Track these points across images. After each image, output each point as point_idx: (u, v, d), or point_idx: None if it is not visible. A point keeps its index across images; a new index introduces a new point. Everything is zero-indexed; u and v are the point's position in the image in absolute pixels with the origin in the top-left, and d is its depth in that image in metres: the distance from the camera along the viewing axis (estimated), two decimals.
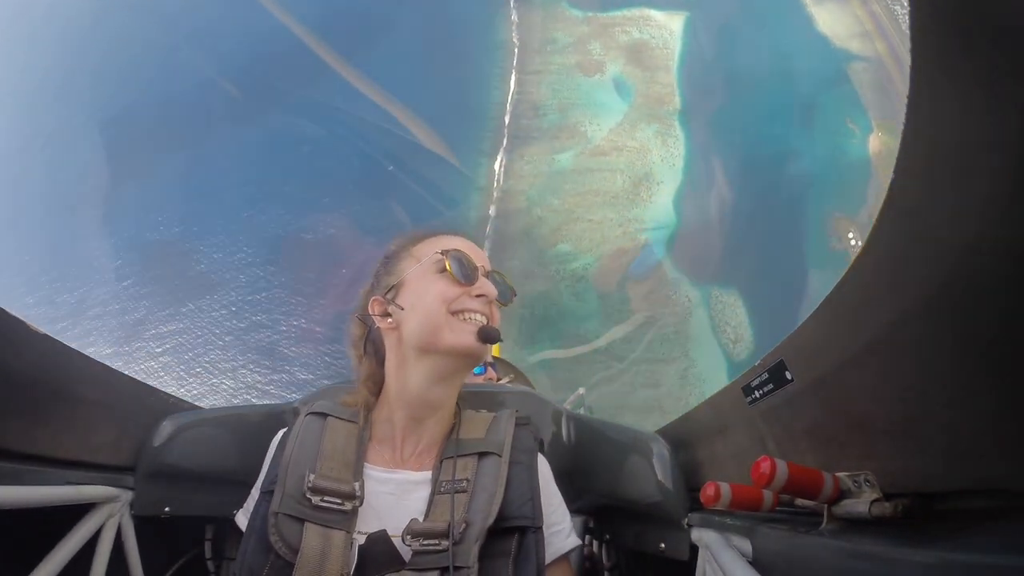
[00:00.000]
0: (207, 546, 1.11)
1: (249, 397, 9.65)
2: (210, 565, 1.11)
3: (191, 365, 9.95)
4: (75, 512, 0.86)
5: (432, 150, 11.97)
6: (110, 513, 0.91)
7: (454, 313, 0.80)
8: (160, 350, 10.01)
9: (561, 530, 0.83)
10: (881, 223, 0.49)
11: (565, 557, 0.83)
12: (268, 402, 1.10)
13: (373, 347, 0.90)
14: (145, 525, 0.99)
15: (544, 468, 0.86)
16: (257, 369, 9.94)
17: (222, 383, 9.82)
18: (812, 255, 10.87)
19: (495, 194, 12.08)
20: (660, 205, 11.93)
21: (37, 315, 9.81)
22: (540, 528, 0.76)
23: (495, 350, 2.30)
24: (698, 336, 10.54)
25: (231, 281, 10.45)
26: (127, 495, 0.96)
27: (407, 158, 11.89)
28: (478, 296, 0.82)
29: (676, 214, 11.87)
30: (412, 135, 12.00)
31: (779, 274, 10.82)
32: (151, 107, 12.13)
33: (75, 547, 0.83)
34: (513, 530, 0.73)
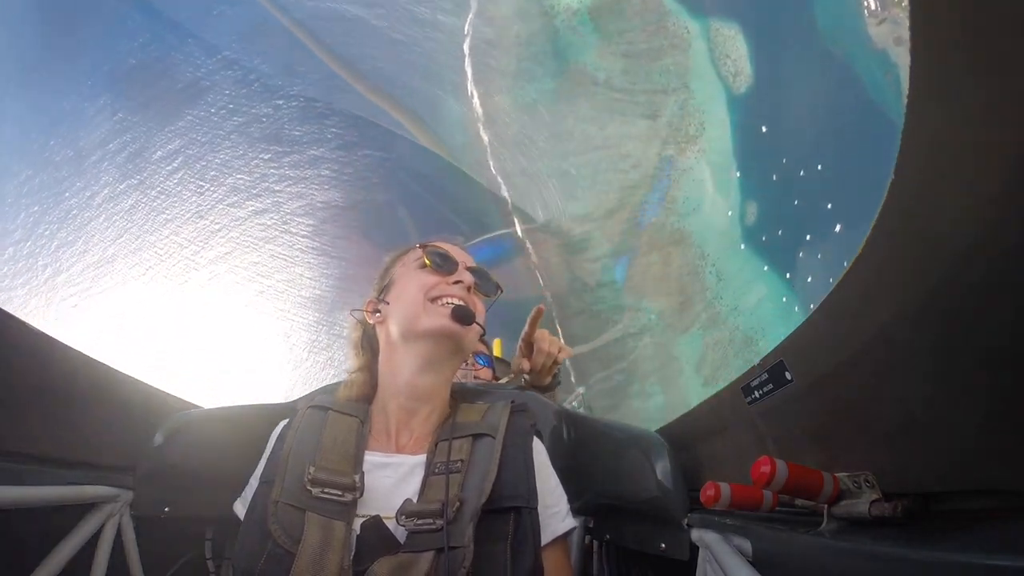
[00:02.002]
0: (207, 546, 1.11)
1: (270, 185, 9.37)
2: (210, 565, 1.11)
3: (205, 171, 9.60)
4: (75, 512, 0.86)
5: None
6: (110, 513, 0.92)
7: (432, 300, 0.87)
8: (171, 167, 9.64)
9: (558, 512, 0.83)
10: (881, 223, 0.49)
11: (563, 539, 0.83)
12: (268, 402, 1.10)
13: (368, 343, 0.95)
14: (145, 525, 0.99)
15: (540, 451, 0.87)
16: (268, 157, 9.61)
17: (239, 180, 9.52)
18: None
19: None
20: None
21: (41, 181, 9.30)
22: (535, 509, 0.76)
23: (496, 350, 2.30)
24: (697, 68, 9.96)
25: (221, 81, 9.89)
26: (127, 495, 0.96)
27: None
28: (455, 283, 0.89)
29: None
30: None
31: (782, 7, 9.91)
32: None
33: (75, 547, 0.83)
34: (508, 510, 0.74)
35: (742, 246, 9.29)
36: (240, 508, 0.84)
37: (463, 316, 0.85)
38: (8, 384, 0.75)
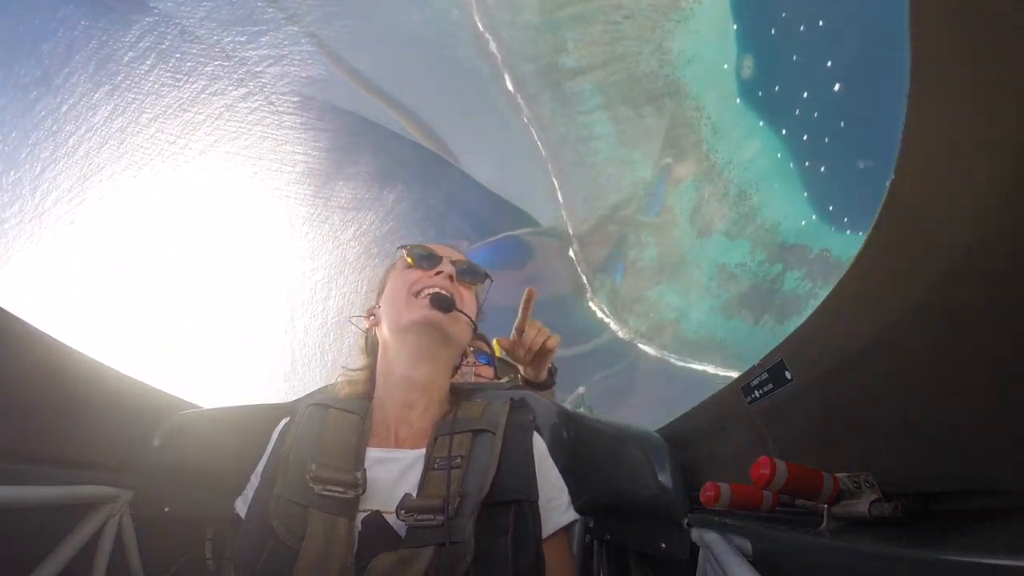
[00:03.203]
0: (207, 546, 1.11)
1: (250, 68, 9.04)
2: (210, 565, 1.11)
3: (180, 64, 9.20)
4: (75, 512, 0.86)
5: None
6: (110, 513, 0.92)
7: (415, 294, 0.89)
8: (145, 66, 9.21)
9: (559, 505, 0.84)
10: (881, 223, 0.49)
11: (564, 531, 0.83)
12: (269, 402, 1.10)
13: (372, 347, 0.96)
14: (145, 525, 0.99)
15: (539, 445, 0.88)
16: (245, 39, 9.13)
17: (218, 67, 9.18)
18: None
19: None
20: None
21: (13, 108, 8.92)
22: (535, 502, 0.76)
23: (496, 350, 2.29)
24: None
25: None
26: (127, 495, 0.96)
27: None
28: (436, 274, 0.91)
29: None
30: None
31: None
32: None
33: (75, 547, 0.84)
34: (509, 503, 0.74)
35: (738, 100, 9.06)
36: (241, 506, 0.84)
37: (441, 303, 0.87)
38: (9, 385, 0.75)
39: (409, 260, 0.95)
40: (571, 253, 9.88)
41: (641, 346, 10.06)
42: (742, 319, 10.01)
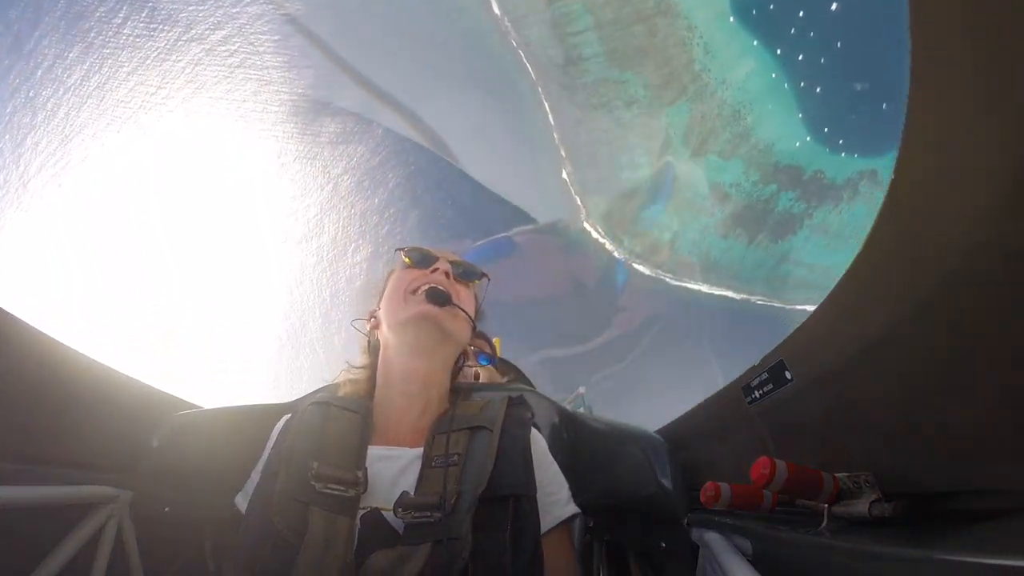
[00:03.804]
0: (207, 546, 1.11)
1: (227, 10, 8.74)
2: (210, 564, 1.11)
3: (154, 14, 9.04)
4: (75, 512, 0.86)
5: None
6: (110, 513, 0.92)
7: (413, 292, 0.90)
8: (117, 20, 8.91)
9: (558, 499, 0.84)
10: (881, 223, 0.49)
11: (564, 525, 0.83)
12: (269, 403, 1.10)
13: (374, 348, 0.97)
14: (145, 525, 0.99)
15: (538, 440, 0.88)
16: None
17: (193, 13, 8.92)
18: None
19: None
20: None
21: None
22: (533, 496, 0.76)
23: (496, 349, 2.29)
24: None
25: None
26: (127, 495, 0.96)
27: None
28: (433, 272, 0.93)
29: None
30: None
31: None
32: None
33: (75, 547, 0.84)
34: (507, 499, 0.74)
35: (731, 19, 8.88)
36: (241, 501, 0.85)
37: (436, 296, 0.88)
38: (8, 385, 0.75)
39: (407, 260, 0.97)
40: (564, 176, 9.77)
41: (636, 266, 10.03)
42: (736, 239, 9.95)
